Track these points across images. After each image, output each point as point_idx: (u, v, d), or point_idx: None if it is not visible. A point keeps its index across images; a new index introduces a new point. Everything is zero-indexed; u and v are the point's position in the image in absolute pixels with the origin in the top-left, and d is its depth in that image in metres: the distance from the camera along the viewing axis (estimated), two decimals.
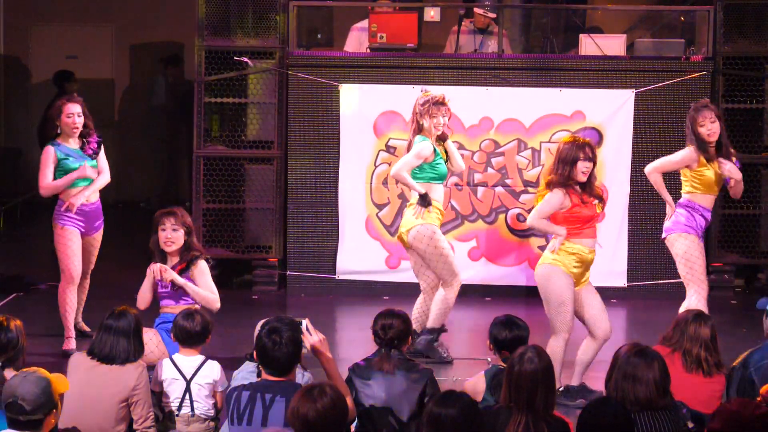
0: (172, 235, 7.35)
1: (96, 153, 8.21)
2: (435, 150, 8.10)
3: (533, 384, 4.92)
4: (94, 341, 5.96)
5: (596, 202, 7.25)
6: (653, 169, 7.86)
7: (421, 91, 8.47)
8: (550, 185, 7.17)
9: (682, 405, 5.21)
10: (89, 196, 8.17)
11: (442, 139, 8.22)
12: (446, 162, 8.22)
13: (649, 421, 4.93)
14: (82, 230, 8.16)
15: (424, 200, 7.99)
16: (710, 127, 7.71)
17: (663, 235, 7.83)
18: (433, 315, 8.17)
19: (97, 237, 8.35)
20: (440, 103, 8.21)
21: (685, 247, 7.68)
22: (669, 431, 4.95)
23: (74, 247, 8.11)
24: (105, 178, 8.30)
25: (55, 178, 8.06)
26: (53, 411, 4.70)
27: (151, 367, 6.22)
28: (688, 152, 7.74)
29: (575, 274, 7.17)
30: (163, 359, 6.32)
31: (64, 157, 8.08)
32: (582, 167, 7.11)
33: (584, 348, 7.34)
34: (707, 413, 5.37)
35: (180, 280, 7.20)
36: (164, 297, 7.41)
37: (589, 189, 7.21)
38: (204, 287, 7.32)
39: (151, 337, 7.10)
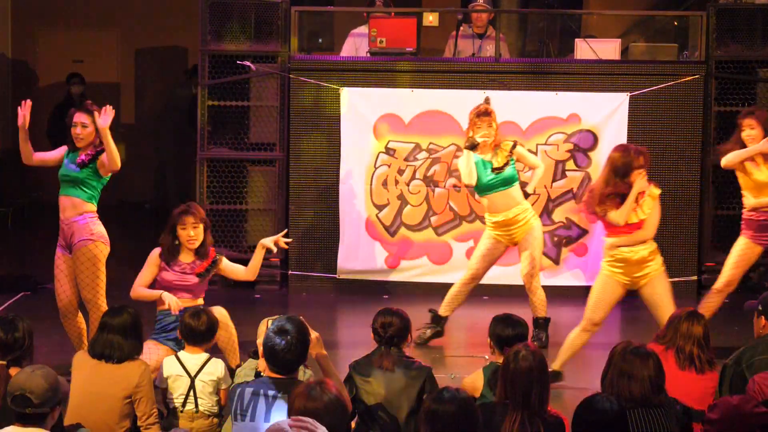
0: (194, 233, 7.28)
1: (85, 164, 7.40)
2: (475, 162, 8.35)
3: (528, 381, 4.93)
4: (93, 339, 5.95)
5: (635, 211, 7.34)
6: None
7: (485, 100, 8.52)
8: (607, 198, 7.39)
9: (676, 401, 5.21)
10: (65, 210, 7.42)
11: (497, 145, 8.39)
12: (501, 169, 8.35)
13: (644, 418, 4.94)
14: (64, 251, 7.50)
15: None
16: (749, 133, 8.01)
17: None
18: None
19: (78, 256, 7.40)
20: (483, 113, 8.29)
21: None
22: (663, 427, 4.95)
23: (57, 271, 7.53)
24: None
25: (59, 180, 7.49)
26: (57, 406, 4.71)
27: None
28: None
29: (619, 273, 7.43)
30: (167, 357, 6.32)
31: (63, 162, 7.53)
32: (639, 174, 7.33)
33: None
34: (698, 409, 5.37)
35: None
36: (181, 288, 7.28)
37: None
38: (235, 272, 7.58)
39: (150, 348, 6.97)
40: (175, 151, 14.30)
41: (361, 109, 10.24)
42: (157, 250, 7.37)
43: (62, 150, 7.62)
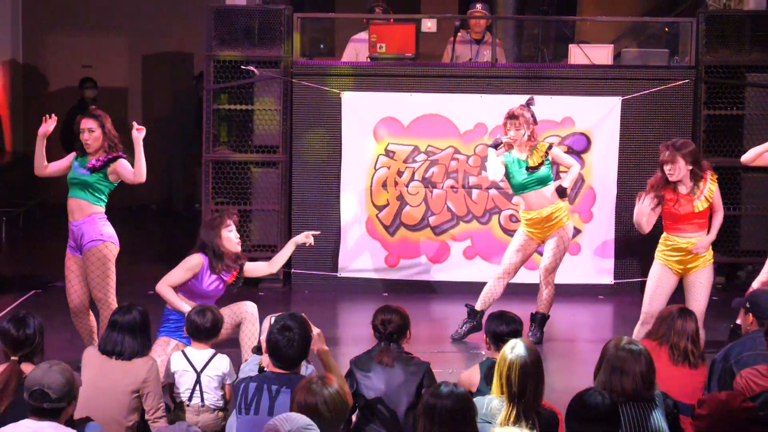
0: (238, 234, 7.30)
1: (96, 169, 7.40)
2: (507, 164, 8.38)
3: (523, 376, 4.93)
4: (102, 337, 5.96)
5: (702, 197, 7.44)
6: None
7: (526, 102, 8.51)
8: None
9: (666, 396, 5.23)
10: (74, 213, 7.44)
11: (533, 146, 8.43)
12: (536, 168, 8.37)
13: (635, 412, 4.94)
14: (75, 252, 7.49)
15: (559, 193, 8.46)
16: None
17: None
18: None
19: (88, 256, 7.39)
20: (510, 116, 8.33)
21: None
22: (653, 421, 4.95)
23: (68, 272, 7.53)
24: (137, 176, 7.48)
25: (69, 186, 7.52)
26: (73, 401, 4.72)
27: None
28: None
29: (674, 262, 7.50)
30: (174, 353, 6.33)
31: (72, 165, 7.55)
32: (667, 169, 7.42)
33: None
34: (691, 404, 5.38)
35: None
36: (213, 297, 7.20)
37: (693, 184, 7.43)
38: (258, 270, 7.55)
39: (164, 350, 6.99)
40: (181, 153, 14.30)
41: (361, 112, 10.25)
42: (199, 259, 7.16)
43: (70, 156, 7.63)
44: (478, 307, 8.64)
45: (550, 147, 8.47)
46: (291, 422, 4.13)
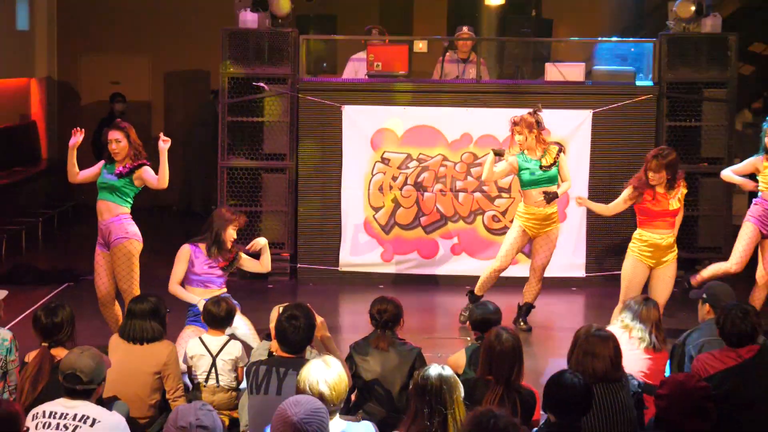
0: (235, 237, 7.41)
1: (122, 175, 7.41)
2: (521, 162, 8.31)
3: (512, 359, 4.94)
4: (121, 325, 5.96)
5: (676, 198, 7.55)
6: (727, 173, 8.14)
7: (534, 109, 8.43)
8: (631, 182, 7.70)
9: (632, 377, 5.22)
10: (102, 213, 7.45)
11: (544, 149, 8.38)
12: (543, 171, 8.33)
13: (605, 392, 4.94)
14: (103, 248, 7.51)
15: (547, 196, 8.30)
16: None
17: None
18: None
19: (115, 252, 7.41)
20: (513, 123, 8.34)
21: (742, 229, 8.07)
22: (621, 400, 4.95)
23: (96, 266, 7.54)
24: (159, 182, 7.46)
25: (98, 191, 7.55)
26: (102, 382, 4.71)
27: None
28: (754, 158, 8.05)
29: (648, 256, 7.57)
30: (191, 339, 6.32)
31: (101, 172, 7.56)
32: (650, 176, 7.53)
33: None
34: (654, 384, 5.39)
35: None
36: (208, 277, 7.29)
37: (668, 187, 7.54)
38: (252, 266, 7.46)
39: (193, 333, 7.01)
40: (199, 160, 14.28)
41: (360, 124, 10.24)
42: (186, 248, 7.31)
43: (100, 164, 7.64)
44: (477, 292, 8.60)
45: (560, 150, 8.43)
46: (300, 405, 4.04)
